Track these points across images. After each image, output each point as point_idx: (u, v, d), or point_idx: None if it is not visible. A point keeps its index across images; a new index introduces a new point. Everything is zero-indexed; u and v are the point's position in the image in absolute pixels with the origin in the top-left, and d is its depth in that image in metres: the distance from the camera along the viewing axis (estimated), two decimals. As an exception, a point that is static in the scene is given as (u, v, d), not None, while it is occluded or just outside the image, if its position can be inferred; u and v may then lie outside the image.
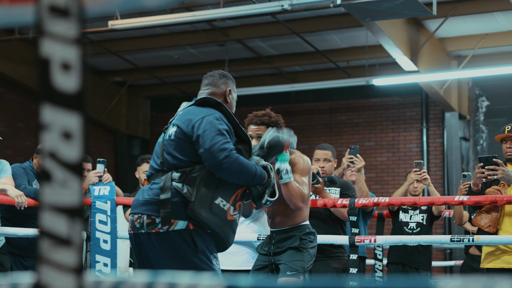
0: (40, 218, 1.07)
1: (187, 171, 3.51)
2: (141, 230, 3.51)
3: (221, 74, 3.93)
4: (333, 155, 5.96)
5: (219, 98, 3.82)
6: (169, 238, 3.46)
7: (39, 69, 1.09)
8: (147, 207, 3.52)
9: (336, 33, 12.33)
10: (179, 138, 3.59)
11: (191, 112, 3.66)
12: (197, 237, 3.49)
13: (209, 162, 3.50)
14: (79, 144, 1.08)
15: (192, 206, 3.45)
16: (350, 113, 14.58)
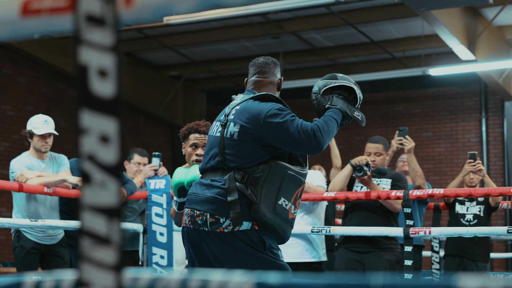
0: (80, 218, 1.12)
1: (250, 172, 3.44)
2: (204, 228, 3.46)
3: (274, 61, 3.76)
4: (384, 148, 5.89)
5: (274, 87, 3.71)
6: (234, 238, 3.40)
7: (77, 76, 1.15)
8: (210, 206, 3.46)
9: (391, 23, 12.24)
10: (243, 139, 3.49)
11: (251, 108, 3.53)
12: (264, 236, 3.44)
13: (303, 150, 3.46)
14: (116, 147, 1.13)
15: (256, 207, 3.39)
16: (406, 104, 14.48)
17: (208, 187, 3.50)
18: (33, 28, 1.24)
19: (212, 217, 3.43)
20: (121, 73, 1.15)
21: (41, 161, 5.91)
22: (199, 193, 3.52)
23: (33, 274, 5.42)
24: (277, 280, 1.00)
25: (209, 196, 3.47)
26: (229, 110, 3.61)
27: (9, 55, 12.91)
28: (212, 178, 3.52)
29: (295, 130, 3.42)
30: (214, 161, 3.55)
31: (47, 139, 5.88)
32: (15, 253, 5.85)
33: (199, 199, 3.50)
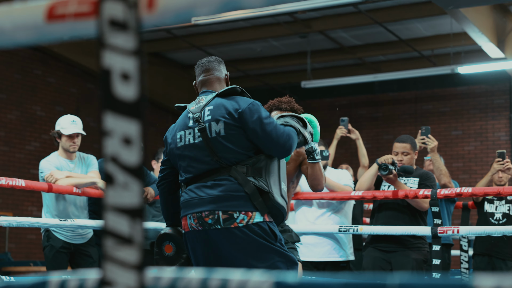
0: (104, 219, 1.15)
1: (251, 163, 3.50)
2: (216, 226, 3.46)
3: (217, 59, 3.81)
4: (412, 147, 5.86)
5: (223, 82, 3.77)
6: (250, 232, 3.43)
7: (101, 80, 1.17)
8: (221, 203, 3.46)
9: (419, 21, 12.19)
10: (232, 133, 3.51)
11: (228, 103, 3.56)
12: (273, 227, 3.51)
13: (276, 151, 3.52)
14: (138, 149, 1.15)
15: (271, 196, 3.46)
16: (435, 102, 14.41)
17: (212, 187, 3.50)
18: (58, 33, 1.27)
19: (225, 213, 3.44)
20: (143, 76, 1.17)
21: (70, 161, 5.96)
22: (202, 195, 3.51)
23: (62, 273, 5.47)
24: (295, 279, 1.01)
25: (218, 194, 3.47)
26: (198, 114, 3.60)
27: (39, 56, 13.05)
28: (211, 179, 3.52)
29: (272, 130, 3.50)
30: (206, 165, 3.54)
31: (75, 139, 5.93)
32: (45, 253, 5.91)
33: (205, 201, 3.49)
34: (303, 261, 5.93)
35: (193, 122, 3.62)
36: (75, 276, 1.27)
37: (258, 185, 3.46)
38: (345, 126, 6.80)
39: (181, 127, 3.68)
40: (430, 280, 0.94)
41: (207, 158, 3.54)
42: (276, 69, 14.85)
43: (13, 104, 12.62)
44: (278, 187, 3.53)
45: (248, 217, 3.45)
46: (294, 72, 14.83)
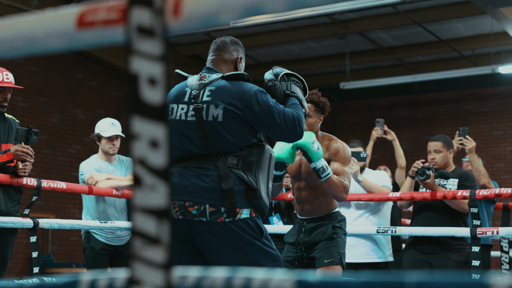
0: (132, 219, 1.18)
1: (242, 156, 3.35)
2: (200, 218, 3.30)
3: (232, 40, 3.63)
4: (444, 145, 5.82)
5: (230, 65, 3.57)
6: (236, 227, 3.31)
7: (129, 84, 1.21)
8: (208, 195, 3.30)
9: (459, 21, 12.10)
10: (230, 121, 3.35)
11: (230, 89, 3.40)
12: (259, 222, 3.39)
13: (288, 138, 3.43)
14: (165, 152, 1.18)
15: (258, 193, 3.33)
16: (476, 102, 14.29)
17: (199, 176, 3.33)
18: (88, 40, 1.31)
19: (212, 206, 3.29)
20: (169, 81, 1.21)
21: (109, 164, 6.04)
22: (187, 184, 3.33)
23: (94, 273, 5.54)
24: (316, 278, 1.04)
25: (205, 185, 3.30)
26: (196, 91, 3.44)
27: (81, 59, 13.23)
28: (197, 165, 3.35)
29: (282, 118, 3.37)
30: (195, 146, 3.38)
31: (115, 141, 6.00)
32: (85, 254, 5.98)
33: (191, 190, 3.32)
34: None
35: (189, 98, 3.45)
36: (105, 275, 1.31)
37: (246, 180, 3.32)
38: (381, 127, 6.79)
39: (174, 99, 3.50)
40: (447, 278, 0.95)
41: (197, 140, 3.38)
42: (315, 70, 14.84)
43: (55, 108, 12.80)
44: (266, 184, 3.39)
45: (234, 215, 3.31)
46: (332, 73, 14.82)
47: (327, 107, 4.58)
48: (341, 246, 4.48)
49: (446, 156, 5.84)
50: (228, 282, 1.16)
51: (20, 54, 1.36)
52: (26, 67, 12.29)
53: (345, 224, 4.60)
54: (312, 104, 4.50)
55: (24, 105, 12.24)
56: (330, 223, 4.52)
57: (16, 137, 4.98)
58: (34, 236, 5.26)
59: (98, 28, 1.28)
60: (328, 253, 4.43)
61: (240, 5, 1.19)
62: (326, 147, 4.55)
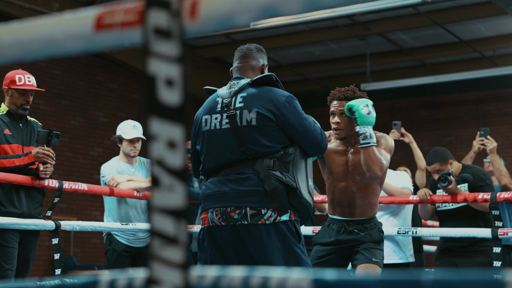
0: (150, 220, 1.20)
1: (278, 157, 3.37)
2: (242, 222, 3.33)
3: (257, 47, 3.67)
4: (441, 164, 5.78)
5: (257, 72, 3.61)
6: (277, 230, 3.33)
7: (146, 86, 1.22)
8: (248, 199, 3.33)
9: (481, 22, 12.03)
10: (264, 124, 3.38)
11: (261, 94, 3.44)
12: (298, 227, 3.41)
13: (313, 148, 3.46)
14: (182, 153, 1.20)
15: (298, 192, 3.35)
16: (498, 103, 14.19)
17: (238, 182, 3.36)
18: (106, 42, 1.32)
19: (253, 209, 3.32)
20: (187, 82, 1.21)
21: (131, 166, 6.06)
22: (226, 190, 3.37)
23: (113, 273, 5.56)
24: (333, 276, 1.04)
25: (244, 189, 3.34)
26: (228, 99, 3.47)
27: (102, 62, 13.29)
28: (234, 172, 3.38)
29: (311, 127, 3.43)
30: (231, 153, 3.41)
31: (136, 143, 6.03)
32: (107, 256, 6.00)
33: (231, 195, 3.36)
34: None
35: (222, 107, 3.48)
36: (124, 275, 1.32)
37: (285, 180, 3.34)
38: (398, 129, 6.75)
39: (207, 111, 3.54)
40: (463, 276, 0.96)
41: (232, 147, 3.40)
42: (335, 72, 14.81)
43: (77, 111, 12.88)
44: (305, 183, 3.42)
45: (275, 214, 3.33)
46: (353, 74, 14.78)
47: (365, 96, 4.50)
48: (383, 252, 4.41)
49: (452, 166, 5.83)
50: (246, 281, 1.17)
51: (38, 57, 1.38)
52: (47, 70, 12.37)
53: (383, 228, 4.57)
54: (347, 100, 4.40)
55: (45, 108, 12.32)
56: (376, 227, 4.41)
57: (37, 139, 5.01)
58: (56, 238, 5.29)
59: (116, 30, 1.29)
60: (374, 254, 4.33)
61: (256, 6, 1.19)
62: None
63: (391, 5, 9.76)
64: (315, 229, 6.19)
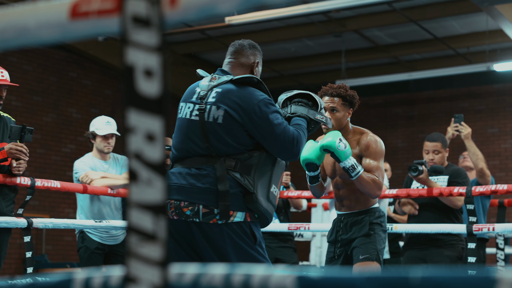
0: (128, 215, 1.15)
1: (241, 159, 3.31)
2: (194, 219, 3.29)
3: (250, 44, 3.60)
4: (443, 145, 5.85)
5: (246, 69, 3.55)
6: (229, 230, 3.28)
7: (124, 76, 1.17)
8: (202, 197, 3.28)
9: (455, 19, 12.08)
10: (229, 124, 3.33)
11: (236, 93, 3.37)
12: (254, 228, 3.34)
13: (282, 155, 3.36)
14: (161, 146, 1.15)
15: (254, 197, 3.28)
16: (471, 100, 14.28)
17: (196, 177, 3.31)
18: (82, 31, 1.27)
19: (206, 207, 3.27)
20: (166, 72, 1.17)
21: (104, 162, 6.00)
22: (184, 183, 3.32)
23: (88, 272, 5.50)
24: (318, 274, 1.01)
25: (201, 186, 3.29)
26: (204, 92, 3.43)
27: (75, 58, 13.17)
28: (196, 166, 3.34)
29: (280, 132, 3.32)
30: (196, 147, 3.38)
31: (110, 139, 5.96)
32: (79, 254, 5.93)
33: (187, 190, 3.31)
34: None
35: (197, 98, 3.46)
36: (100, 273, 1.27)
37: (243, 183, 3.28)
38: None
39: (184, 98, 3.53)
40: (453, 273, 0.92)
41: (198, 140, 3.38)
42: (311, 68, 14.81)
43: (49, 107, 12.75)
44: (266, 189, 3.34)
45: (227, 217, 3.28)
46: (328, 71, 14.79)
47: (355, 100, 4.47)
48: (378, 242, 4.36)
49: (444, 156, 5.86)
50: (227, 280, 1.13)
51: (11, 46, 1.32)
52: (19, 66, 12.23)
53: (384, 220, 4.50)
54: (339, 98, 4.40)
55: (17, 104, 12.18)
56: (368, 219, 4.40)
57: (10, 135, 4.93)
58: (28, 236, 5.22)
59: (92, 18, 1.24)
60: (364, 249, 4.32)
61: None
62: (357, 141, 4.42)
63: (366, 1, 9.76)
64: (290, 225, 6.17)
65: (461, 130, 6.22)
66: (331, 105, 4.39)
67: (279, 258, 6.62)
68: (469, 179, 5.97)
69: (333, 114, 4.39)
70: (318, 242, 8.37)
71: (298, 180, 9.78)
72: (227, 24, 10.46)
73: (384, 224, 4.47)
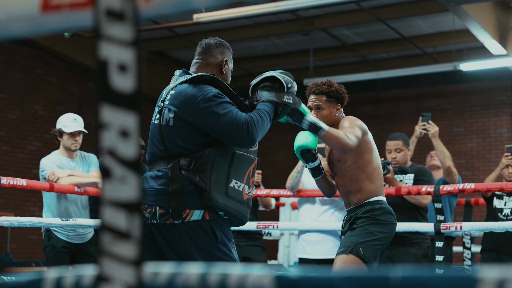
0: (101, 213, 1.12)
1: (196, 157, 3.28)
2: (152, 221, 3.29)
3: (218, 42, 3.57)
4: (404, 144, 5.90)
5: (213, 68, 3.51)
6: (186, 229, 3.27)
7: (97, 71, 1.15)
8: (159, 197, 3.29)
9: (422, 19, 12.16)
10: (179, 126, 3.33)
11: (185, 93, 3.35)
12: (215, 227, 3.30)
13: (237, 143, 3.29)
14: (135, 142, 1.12)
15: (207, 194, 3.24)
16: (438, 99, 14.38)
17: (155, 179, 3.32)
18: (54, 24, 1.24)
19: (162, 208, 3.26)
20: (141, 67, 1.14)
21: (71, 160, 5.93)
22: (145, 186, 3.32)
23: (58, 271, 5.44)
24: (297, 274, 0.99)
25: (156, 188, 3.29)
26: (165, 94, 3.45)
27: (41, 55, 13.03)
28: (157, 168, 3.36)
29: (228, 121, 3.25)
30: (158, 150, 3.39)
31: (77, 137, 5.90)
32: (46, 252, 5.87)
33: (146, 193, 3.31)
34: (306, 258, 5.91)
35: (161, 101, 3.47)
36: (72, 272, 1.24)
37: (196, 181, 3.26)
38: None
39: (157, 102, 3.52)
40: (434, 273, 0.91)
41: (158, 143, 3.40)
42: (279, 67, 14.74)
43: (15, 104, 12.60)
44: (224, 184, 3.29)
45: (185, 214, 3.26)
46: (296, 70, 14.79)
47: (341, 94, 4.35)
48: (360, 235, 4.15)
49: (406, 154, 5.90)
50: (203, 279, 1.10)
51: (-19, 39, 1.29)
52: (-16, 62, 12.08)
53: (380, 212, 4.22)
54: (323, 95, 4.30)
55: (-18, 101, 12.04)
56: (354, 216, 4.24)
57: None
58: (-6, 234, 5.15)
59: (64, 12, 1.21)
60: (342, 244, 4.20)
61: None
62: None
63: (334, 0, 9.78)
64: (259, 224, 6.16)
65: (428, 129, 6.27)
66: (316, 103, 4.30)
67: (248, 256, 6.60)
68: (435, 177, 6.01)
69: (318, 112, 4.30)
70: (286, 241, 8.36)
71: (267, 178, 9.77)
72: (195, 21, 10.41)
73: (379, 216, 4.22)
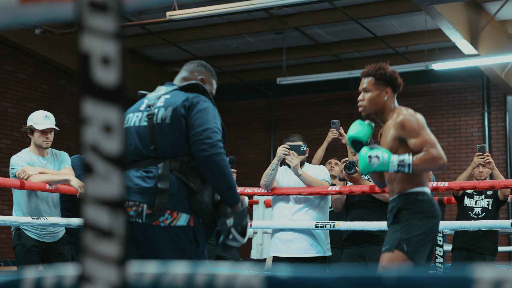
0: (83, 211, 1.08)
1: (187, 161, 3.30)
2: (137, 219, 3.27)
3: (200, 63, 3.71)
4: None
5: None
6: (171, 233, 3.26)
7: (80, 64, 1.11)
8: (146, 196, 3.28)
9: (394, 18, 12.20)
10: (176, 123, 3.34)
11: (183, 96, 3.42)
12: (198, 234, 3.31)
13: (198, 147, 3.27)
14: (119, 137, 1.09)
15: (199, 197, 3.26)
16: (410, 99, 14.43)
17: (142, 178, 3.30)
18: (33, 16, 1.20)
19: (150, 208, 3.24)
20: (125, 60, 1.11)
21: (42, 158, 5.86)
22: (130, 185, 3.30)
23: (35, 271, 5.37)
24: (287, 274, 0.96)
25: (145, 186, 3.27)
26: (153, 100, 3.47)
27: (11, 51, 12.88)
28: (143, 168, 3.33)
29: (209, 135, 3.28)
30: (145, 150, 3.37)
31: (48, 134, 5.83)
32: (15, 252, 5.78)
33: (131, 191, 3.27)
34: (280, 257, 5.89)
35: (146, 107, 3.49)
36: (52, 272, 1.20)
37: (188, 184, 3.26)
38: (337, 128, 6.71)
39: (132, 110, 3.55)
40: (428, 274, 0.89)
41: (145, 144, 3.37)
42: (252, 65, 14.78)
43: (-16, 101, 12.46)
44: (211, 192, 3.32)
45: (172, 218, 3.25)
46: (269, 68, 14.79)
47: (391, 78, 4.14)
48: (404, 230, 3.89)
49: None
50: (190, 279, 1.07)
51: (-42, 29, 1.24)
52: (-47, 59, 11.92)
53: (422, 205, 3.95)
54: (372, 77, 4.12)
55: (-49, 97, 11.87)
56: (397, 207, 3.97)
57: None
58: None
59: (44, 2, 1.17)
60: (386, 241, 3.98)
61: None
62: (393, 124, 4.07)
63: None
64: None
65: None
66: (364, 86, 4.14)
67: (221, 255, 6.57)
68: None
69: (366, 94, 4.13)
70: (259, 239, 8.34)
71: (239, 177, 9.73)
72: (168, 19, 10.34)
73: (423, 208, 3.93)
